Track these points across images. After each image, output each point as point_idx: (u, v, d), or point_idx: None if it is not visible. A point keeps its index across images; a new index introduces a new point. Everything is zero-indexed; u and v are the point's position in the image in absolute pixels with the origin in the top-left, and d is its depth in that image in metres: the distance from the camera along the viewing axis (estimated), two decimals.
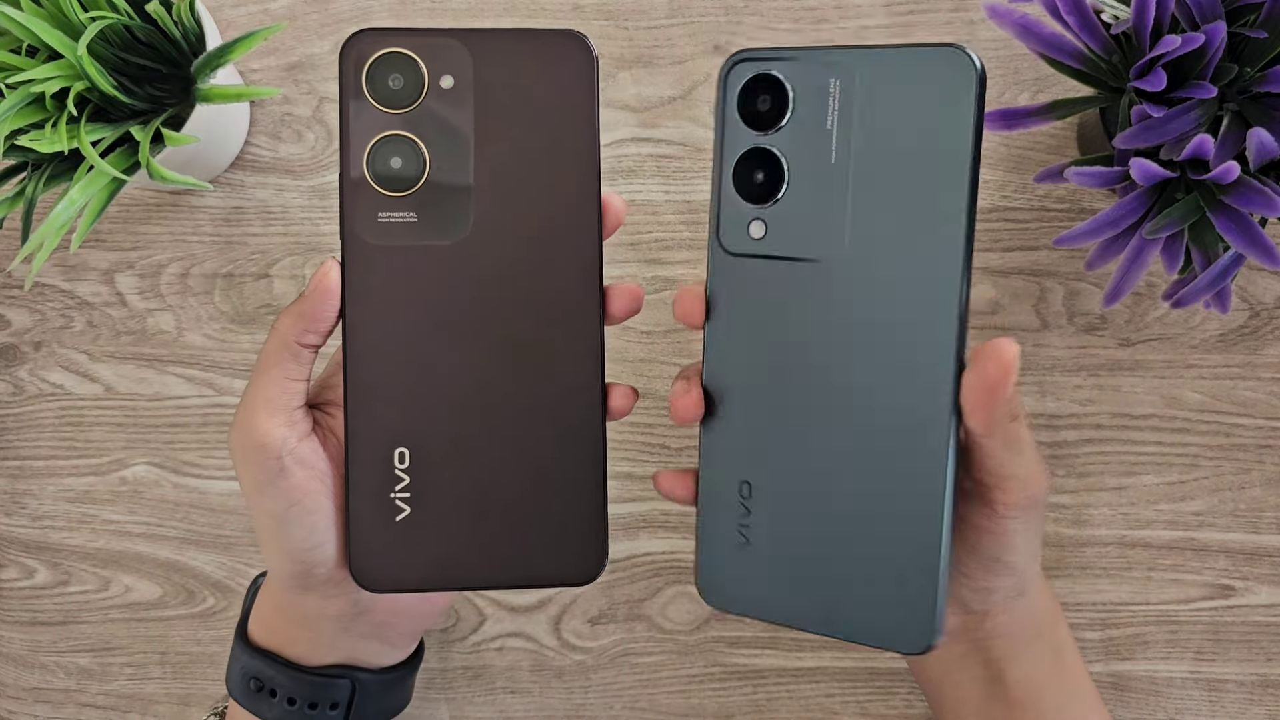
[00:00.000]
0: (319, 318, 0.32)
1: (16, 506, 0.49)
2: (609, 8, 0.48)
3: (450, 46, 0.32)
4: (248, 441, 0.32)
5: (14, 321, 0.49)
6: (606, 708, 0.48)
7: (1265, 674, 0.46)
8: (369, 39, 0.32)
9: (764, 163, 0.31)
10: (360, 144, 0.32)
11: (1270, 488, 0.46)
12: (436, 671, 0.48)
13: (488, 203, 0.32)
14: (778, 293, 0.32)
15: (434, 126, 0.32)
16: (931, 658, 0.38)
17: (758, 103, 0.31)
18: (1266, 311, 0.46)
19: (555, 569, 0.34)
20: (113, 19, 0.40)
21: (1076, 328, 0.47)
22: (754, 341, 0.32)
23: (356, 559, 0.33)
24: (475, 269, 0.33)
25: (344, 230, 0.32)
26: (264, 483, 0.32)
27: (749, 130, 0.32)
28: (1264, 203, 0.34)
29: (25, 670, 0.49)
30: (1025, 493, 0.32)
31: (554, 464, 0.33)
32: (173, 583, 0.49)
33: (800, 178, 0.31)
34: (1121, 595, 0.47)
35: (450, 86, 0.32)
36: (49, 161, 0.42)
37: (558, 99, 0.32)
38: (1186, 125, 0.35)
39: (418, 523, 0.33)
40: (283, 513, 0.33)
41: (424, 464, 0.33)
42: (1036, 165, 0.47)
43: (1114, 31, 0.36)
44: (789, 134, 0.31)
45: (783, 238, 0.31)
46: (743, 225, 0.32)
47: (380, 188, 0.32)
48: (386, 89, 0.32)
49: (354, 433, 0.33)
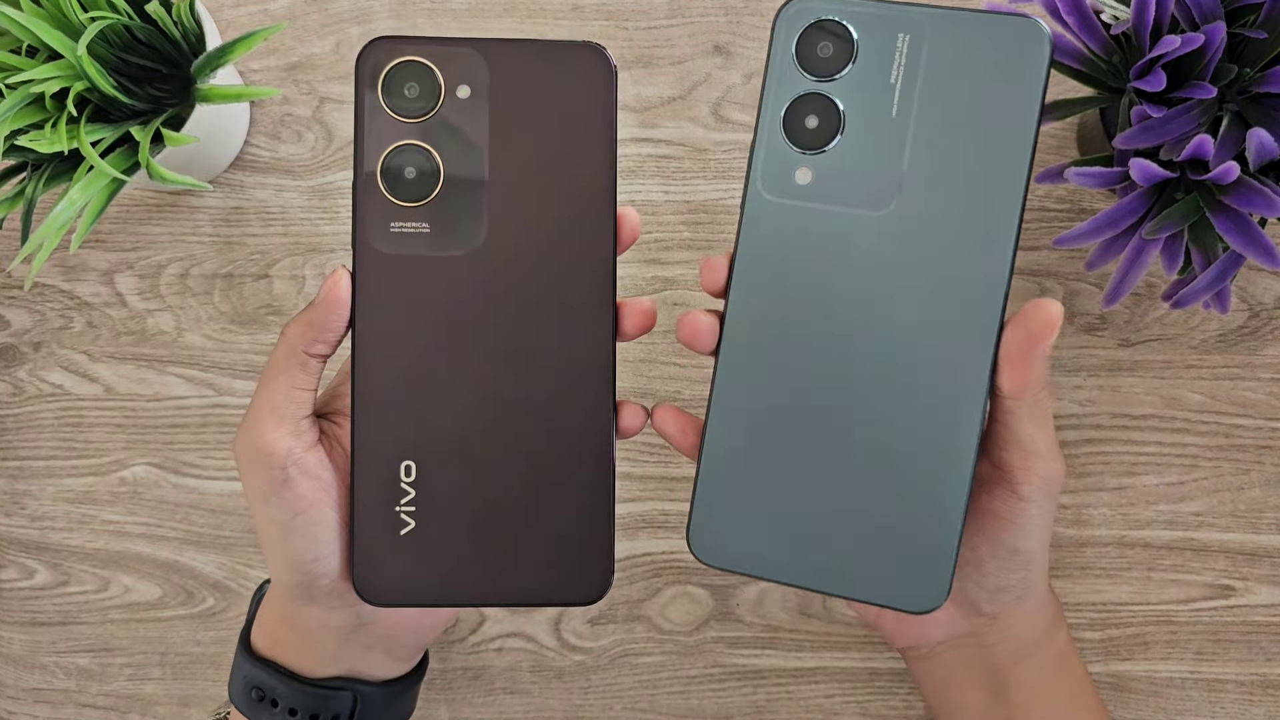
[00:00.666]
0: (328, 327, 0.32)
1: (16, 507, 0.49)
2: (609, 8, 0.48)
3: (468, 56, 0.32)
4: (253, 450, 0.32)
5: (14, 322, 0.49)
6: (606, 708, 0.48)
7: (1265, 674, 0.46)
8: (386, 47, 0.32)
9: (820, 109, 0.31)
10: (375, 152, 0.32)
11: (1270, 488, 0.46)
12: (436, 672, 0.48)
13: (501, 215, 0.32)
14: (817, 239, 0.31)
15: (449, 137, 0.32)
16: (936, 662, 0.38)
17: (818, 48, 0.31)
18: (1266, 312, 0.46)
19: (560, 588, 0.33)
20: (113, 19, 0.40)
21: (1076, 328, 0.47)
22: (785, 285, 0.32)
23: (360, 572, 0.33)
24: (487, 281, 0.32)
25: (356, 239, 0.32)
26: (268, 492, 0.32)
27: (805, 75, 0.31)
28: (1264, 203, 0.34)
29: (25, 671, 0.49)
30: (1045, 472, 0.32)
31: (562, 482, 0.33)
32: (172, 583, 0.49)
33: (857, 128, 0.31)
34: (1121, 595, 0.47)
35: (467, 97, 0.32)
36: (49, 162, 0.42)
37: (575, 111, 0.32)
38: (1186, 126, 0.35)
39: (422, 537, 0.33)
40: (287, 522, 0.33)
41: (430, 478, 0.33)
42: (1036, 165, 0.47)
43: (1114, 32, 0.36)
44: (850, 83, 0.31)
45: (831, 186, 0.31)
46: (789, 170, 0.31)
47: (394, 197, 0.32)
48: (402, 97, 0.32)
49: (360, 444, 0.33)
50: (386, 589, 0.33)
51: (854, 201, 0.31)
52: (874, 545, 0.32)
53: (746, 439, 0.32)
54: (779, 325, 0.32)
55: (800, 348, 0.32)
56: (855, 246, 0.31)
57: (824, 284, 0.31)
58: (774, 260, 0.32)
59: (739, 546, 0.33)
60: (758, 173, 0.32)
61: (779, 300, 0.32)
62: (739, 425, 0.32)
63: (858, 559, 0.32)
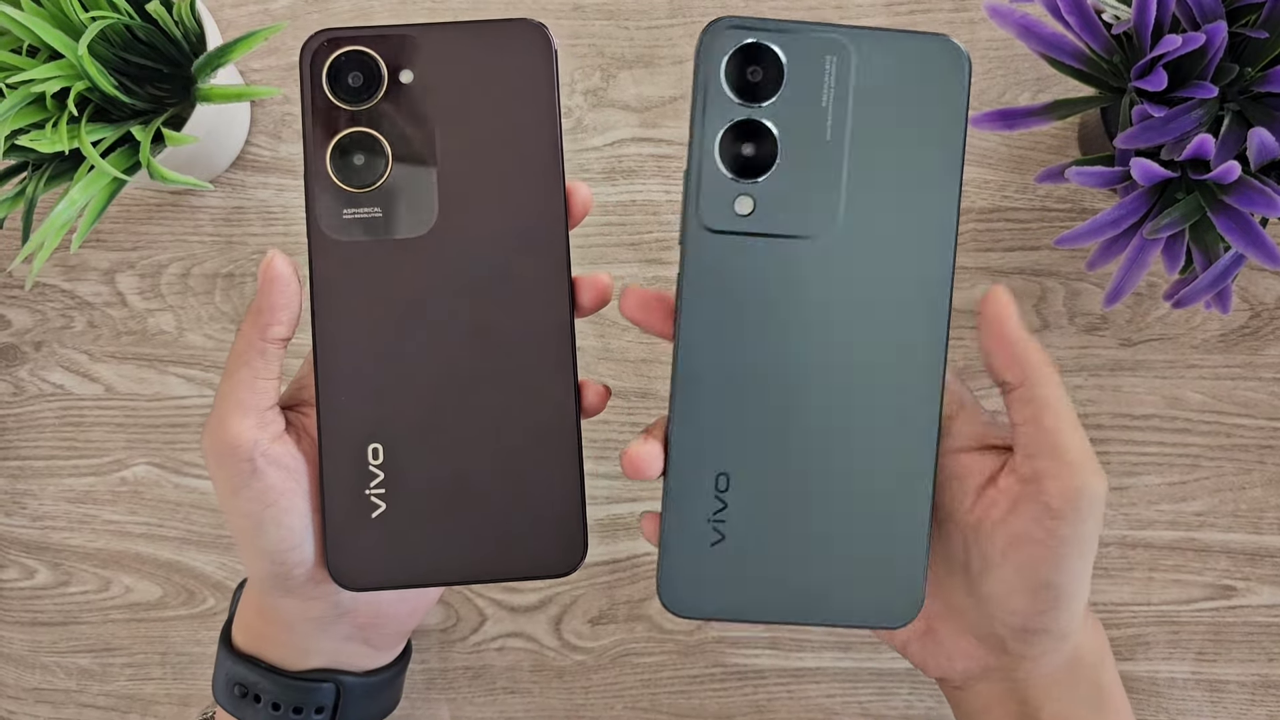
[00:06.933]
0: (276, 307, 0.32)
1: (17, 507, 0.49)
2: (609, 8, 0.48)
3: (408, 42, 0.32)
4: (219, 444, 0.32)
5: (14, 321, 0.49)
6: (607, 708, 0.48)
7: (1267, 674, 0.46)
8: (327, 38, 0.32)
9: (755, 135, 0.30)
10: (323, 142, 0.32)
11: (1271, 488, 0.46)
12: (437, 671, 0.48)
13: (452, 196, 0.32)
14: (762, 269, 0.31)
15: (394, 122, 0.32)
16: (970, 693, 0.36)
17: (748, 73, 0.30)
18: (1267, 311, 0.46)
19: (535, 560, 0.33)
20: (113, 19, 0.40)
21: (1077, 328, 0.47)
22: (735, 321, 0.31)
23: (334, 558, 0.33)
24: (443, 262, 0.33)
25: (310, 228, 0.33)
26: (238, 485, 0.32)
27: (737, 101, 0.30)
28: (1265, 203, 0.34)
29: (26, 671, 0.49)
30: (1078, 483, 0.30)
31: (529, 454, 0.33)
32: (173, 583, 0.49)
33: (793, 153, 0.30)
34: (1123, 596, 0.47)
35: (410, 81, 0.32)
36: (49, 161, 0.42)
37: (516, 88, 0.32)
38: (1187, 125, 0.35)
39: (394, 519, 0.33)
40: (258, 514, 0.32)
41: (398, 460, 0.33)
42: (1037, 165, 0.47)
43: (1115, 31, 0.36)
44: (782, 107, 0.30)
45: (773, 214, 0.31)
46: (727, 200, 0.31)
47: (344, 184, 0.32)
48: (347, 87, 0.32)
49: (326, 430, 0.33)
50: (362, 573, 0.33)
51: (796, 228, 0.31)
52: (842, 569, 0.31)
53: (708, 483, 0.32)
54: (732, 363, 0.31)
55: (756, 383, 0.31)
56: (800, 274, 0.31)
57: (774, 315, 0.31)
58: (722, 295, 0.31)
59: (711, 595, 0.32)
60: (695, 205, 0.31)
61: (731, 336, 0.31)
62: (700, 471, 0.31)
63: (828, 585, 0.32)
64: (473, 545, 0.33)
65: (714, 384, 0.31)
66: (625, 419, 0.48)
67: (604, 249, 0.47)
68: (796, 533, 0.32)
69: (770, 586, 0.32)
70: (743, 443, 0.31)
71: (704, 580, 0.32)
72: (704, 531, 0.32)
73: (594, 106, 0.48)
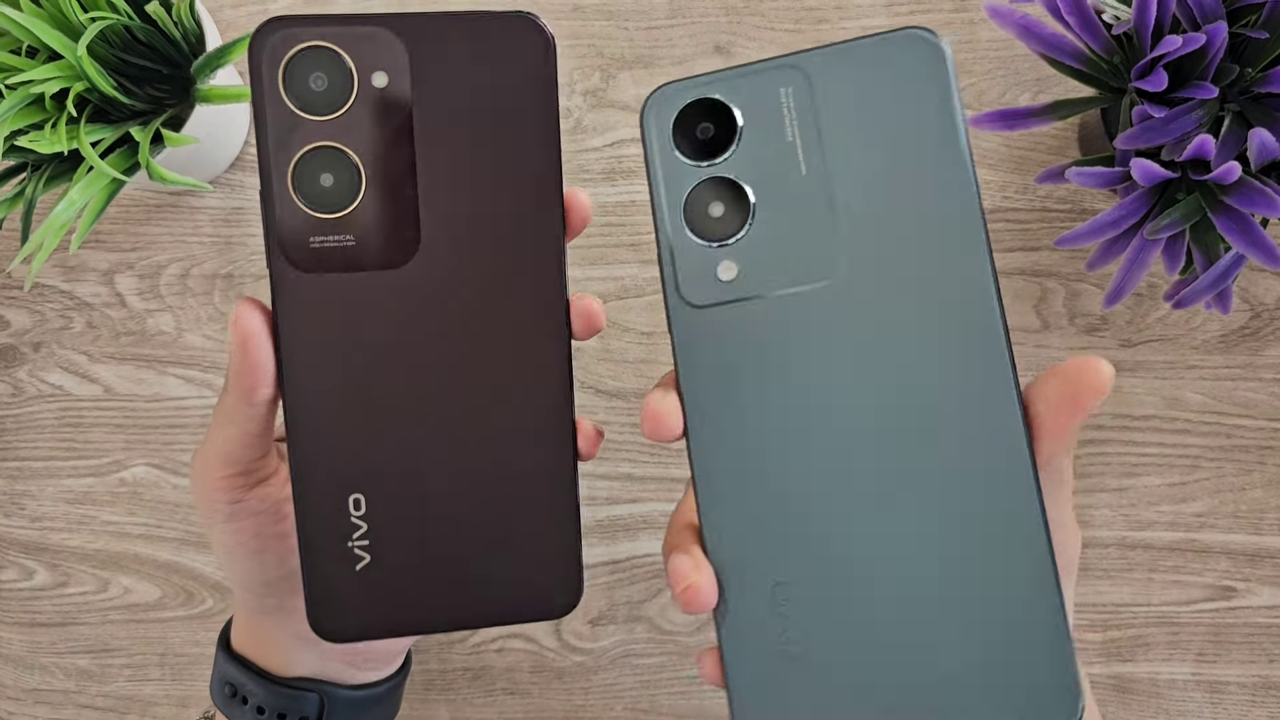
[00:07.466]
0: (255, 367, 0.28)
1: (15, 507, 0.49)
2: (609, 8, 0.48)
3: (380, 37, 0.27)
4: (200, 486, 0.32)
5: (13, 322, 0.49)
6: (607, 709, 0.48)
7: (1267, 675, 0.46)
8: (282, 30, 0.27)
9: (721, 193, 0.27)
10: (283, 159, 0.27)
11: (1271, 489, 0.46)
12: (437, 673, 0.48)
13: (436, 218, 0.28)
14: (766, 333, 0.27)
15: (368, 133, 0.28)
16: None
17: (697, 132, 0.27)
18: (1268, 312, 0.46)
19: (531, 604, 0.31)
20: (112, 19, 0.40)
21: (1078, 328, 0.47)
22: (750, 405, 0.27)
23: (315, 612, 0.30)
24: (426, 293, 0.29)
25: (271, 259, 0.28)
26: (216, 520, 0.32)
27: (691, 163, 0.27)
28: (1265, 203, 0.34)
29: (25, 671, 0.49)
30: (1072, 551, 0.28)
31: (525, 497, 0.30)
32: (172, 584, 0.49)
33: (769, 199, 0.27)
34: (1123, 596, 0.46)
35: (384, 85, 0.28)
36: (49, 162, 0.42)
37: (510, 93, 0.28)
38: (1188, 126, 0.35)
39: (380, 570, 0.30)
40: (231, 548, 0.32)
41: (383, 509, 0.30)
42: (1037, 166, 0.47)
43: (1115, 32, 0.36)
44: (743, 156, 0.27)
45: (762, 271, 0.27)
46: (709, 270, 0.27)
47: (310, 209, 0.28)
48: (309, 91, 0.27)
49: (303, 482, 0.29)
50: (345, 626, 0.30)
51: (795, 278, 0.27)
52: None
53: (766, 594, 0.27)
54: (757, 455, 0.27)
55: (798, 469, 0.27)
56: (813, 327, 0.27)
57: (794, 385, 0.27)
58: (726, 377, 0.27)
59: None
60: (674, 282, 0.27)
61: (749, 423, 0.27)
62: (758, 582, 0.27)
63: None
64: (465, 591, 0.31)
65: (741, 489, 0.27)
66: (625, 419, 0.48)
67: (604, 249, 0.47)
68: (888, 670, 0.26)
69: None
70: (795, 551, 0.27)
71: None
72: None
73: (594, 107, 0.48)
